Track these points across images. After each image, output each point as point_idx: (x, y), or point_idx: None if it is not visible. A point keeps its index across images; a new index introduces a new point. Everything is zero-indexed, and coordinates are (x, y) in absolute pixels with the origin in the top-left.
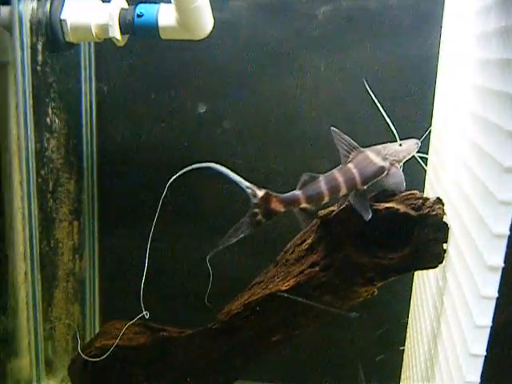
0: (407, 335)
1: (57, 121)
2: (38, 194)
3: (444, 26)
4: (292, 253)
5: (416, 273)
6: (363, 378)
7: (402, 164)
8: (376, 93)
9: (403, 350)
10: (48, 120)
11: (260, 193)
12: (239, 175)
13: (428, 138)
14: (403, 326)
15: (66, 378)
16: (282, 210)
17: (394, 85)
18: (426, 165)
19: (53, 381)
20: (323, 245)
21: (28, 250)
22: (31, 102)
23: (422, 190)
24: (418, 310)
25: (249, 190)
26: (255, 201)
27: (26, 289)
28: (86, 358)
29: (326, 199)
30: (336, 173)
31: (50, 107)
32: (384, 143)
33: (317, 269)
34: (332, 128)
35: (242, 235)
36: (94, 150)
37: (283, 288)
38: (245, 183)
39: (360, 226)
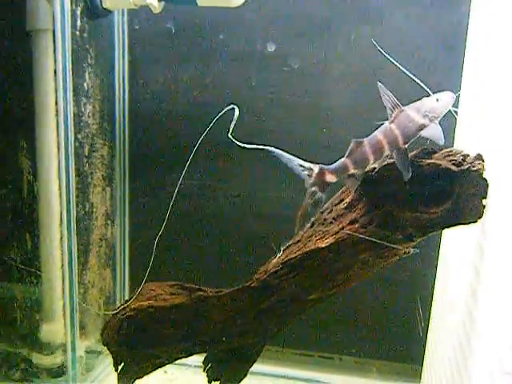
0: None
1: (93, 86)
2: (75, 157)
3: None
4: (330, 212)
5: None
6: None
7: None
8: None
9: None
10: (85, 85)
11: (316, 170)
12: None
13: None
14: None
15: (98, 341)
16: (335, 180)
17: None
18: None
19: (86, 344)
20: (363, 202)
21: (65, 214)
22: (71, 66)
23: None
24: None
25: (305, 172)
26: (312, 180)
27: (62, 253)
28: (122, 318)
29: (372, 162)
30: (379, 135)
31: (87, 72)
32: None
33: (356, 225)
34: (378, 83)
35: (311, 219)
36: (126, 117)
37: (322, 245)
38: (301, 165)
39: (401, 182)
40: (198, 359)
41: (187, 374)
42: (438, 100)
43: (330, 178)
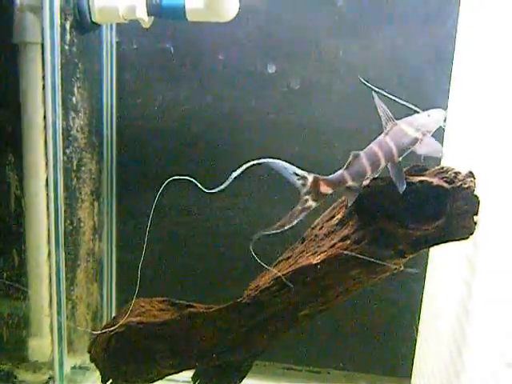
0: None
1: (81, 100)
2: (63, 172)
3: None
4: (321, 228)
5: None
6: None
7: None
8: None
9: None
10: (74, 99)
11: (310, 178)
12: None
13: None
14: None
15: (86, 358)
16: (330, 191)
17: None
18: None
19: (73, 360)
20: (354, 219)
21: (53, 228)
22: (60, 80)
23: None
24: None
25: (300, 181)
26: (306, 189)
27: (50, 268)
28: (110, 334)
29: (369, 174)
30: (375, 147)
31: (76, 87)
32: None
33: (348, 242)
34: (374, 96)
35: (295, 222)
36: (114, 131)
37: (314, 261)
38: (295, 174)
39: (393, 198)
40: (186, 375)
41: None
42: (429, 116)
43: (325, 189)
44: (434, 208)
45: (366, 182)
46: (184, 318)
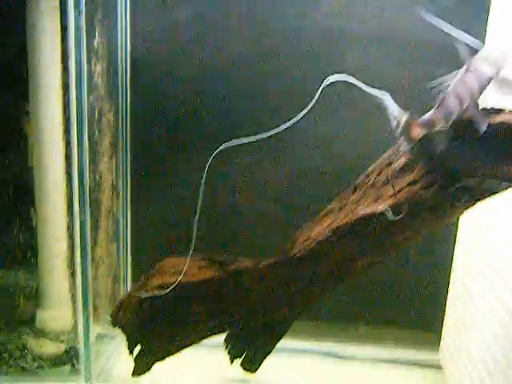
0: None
1: (102, 44)
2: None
3: None
4: (378, 175)
5: None
6: None
7: None
8: None
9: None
10: (95, 43)
11: (403, 119)
12: None
13: None
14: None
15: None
16: (421, 134)
17: None
18: None
19: (97, 326)
20: (421, 163)
21: (76, 185)
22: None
23: None
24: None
25: (394, 120)
26: (399, 130)
27: (71, 229)
28: (151, 294)
29: (456, 114)
30: (460, 86)
31: (97, 30)
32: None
33: (417, 186)
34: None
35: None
36: (128, 79)
37: (379, 209)
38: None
39: (468, 140)
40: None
41: (202, 354)
42: (498, 50)
43: (417, 132)
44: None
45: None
46: (228, 276)
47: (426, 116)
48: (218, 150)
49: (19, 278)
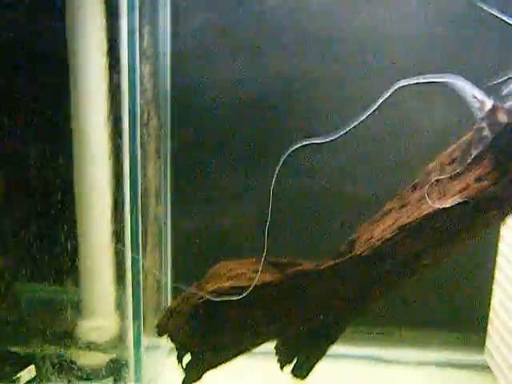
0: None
1: (148, 43)
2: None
3: None
4: (442, 171)
5: None
6: None
7: None
8: None
9: None
10: (144, 42)
11: (489, 104)
12: None
13: None
14: None
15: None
16: (507, 121)
17: None
18: None
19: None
20: (488, 158)
21: (128, 189)
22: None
23: None
24: None
25: (477, 104)
26: (481, 114)
27: (124, 236)
28: (196, 302)
29: None
30: None
31: (145, 28)
32: None
33: (485, 183)
34: None
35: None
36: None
37: (448, 205)
38: (474, 96)
39: None
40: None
41: (253, 362)
42: None
43: (502, 117)
44: None
45: None
46: (288, 279)
47: (509, 103)
48: (291, 150)
49: (61, 289)
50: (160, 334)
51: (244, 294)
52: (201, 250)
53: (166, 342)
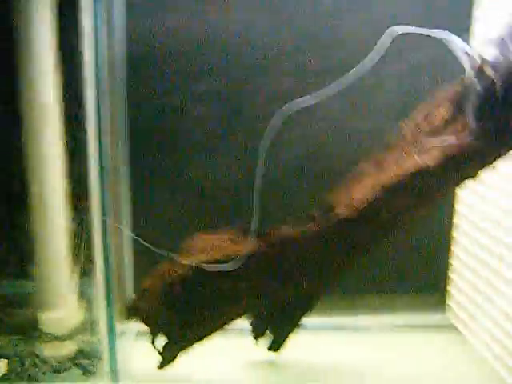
0: None
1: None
2: None
3: None
4: (417, 129)
5: None
6: None
7: None
8: None
9: None
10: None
11: (479, 60)
12: None
13: None
14: None
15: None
16: (493, 76)
17: None
18: None
19: None
20: (467, 114)
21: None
22: None
23: None
24: None
25: (468, 62)
26: (472, 71)
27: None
28: (170, 280)
29: None
30: None
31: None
32: None
33: (466, 136)
34: None
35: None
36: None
37: (430, 163)
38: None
39: None
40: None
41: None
42: None
43: (490, 71)
44: None
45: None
46: (269, 246)
47: (493, 58)
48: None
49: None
50: (131, 317)
51: (237, 265)
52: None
53: (131, 327)
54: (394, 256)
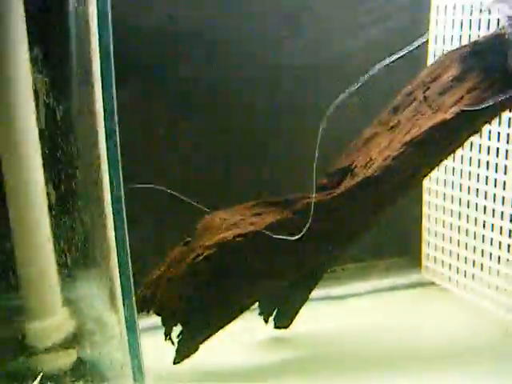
0: None
1: None
2: None
3: None
4: (427, 90)
5: None
6: None
7: None
8: None
9: None
10: None
11: None
12: None
13: None
14: None
15: None
16: None
17: None
18: None
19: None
20: (475, 72)
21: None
22: None
23: None
24: None
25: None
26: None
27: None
28: (194, 262)
29: None
30: None
31: None
32: None
33: (477, 92)
34: None
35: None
36: None
37: (448, 117)
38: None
39: None
40: None
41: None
42: None
43: None
44: None
45: None
46: (298, 214)
47: None
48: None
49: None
50: (143, 309)
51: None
52: None
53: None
54: None
